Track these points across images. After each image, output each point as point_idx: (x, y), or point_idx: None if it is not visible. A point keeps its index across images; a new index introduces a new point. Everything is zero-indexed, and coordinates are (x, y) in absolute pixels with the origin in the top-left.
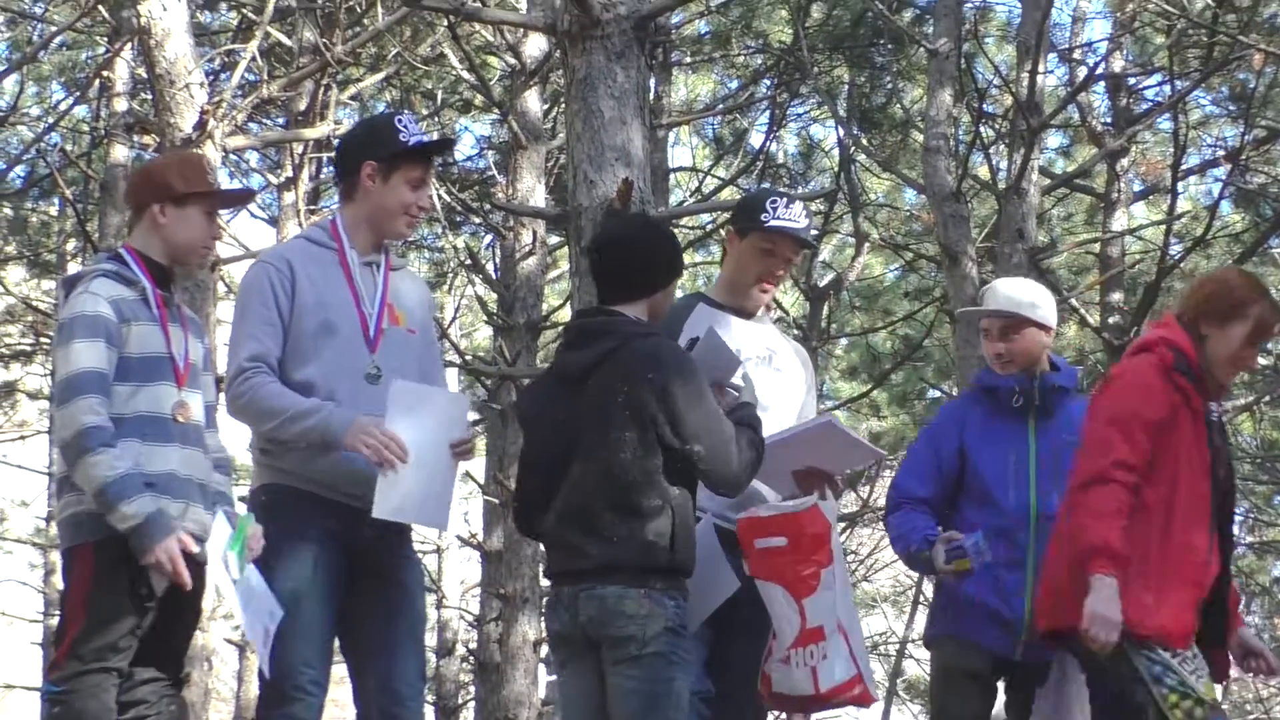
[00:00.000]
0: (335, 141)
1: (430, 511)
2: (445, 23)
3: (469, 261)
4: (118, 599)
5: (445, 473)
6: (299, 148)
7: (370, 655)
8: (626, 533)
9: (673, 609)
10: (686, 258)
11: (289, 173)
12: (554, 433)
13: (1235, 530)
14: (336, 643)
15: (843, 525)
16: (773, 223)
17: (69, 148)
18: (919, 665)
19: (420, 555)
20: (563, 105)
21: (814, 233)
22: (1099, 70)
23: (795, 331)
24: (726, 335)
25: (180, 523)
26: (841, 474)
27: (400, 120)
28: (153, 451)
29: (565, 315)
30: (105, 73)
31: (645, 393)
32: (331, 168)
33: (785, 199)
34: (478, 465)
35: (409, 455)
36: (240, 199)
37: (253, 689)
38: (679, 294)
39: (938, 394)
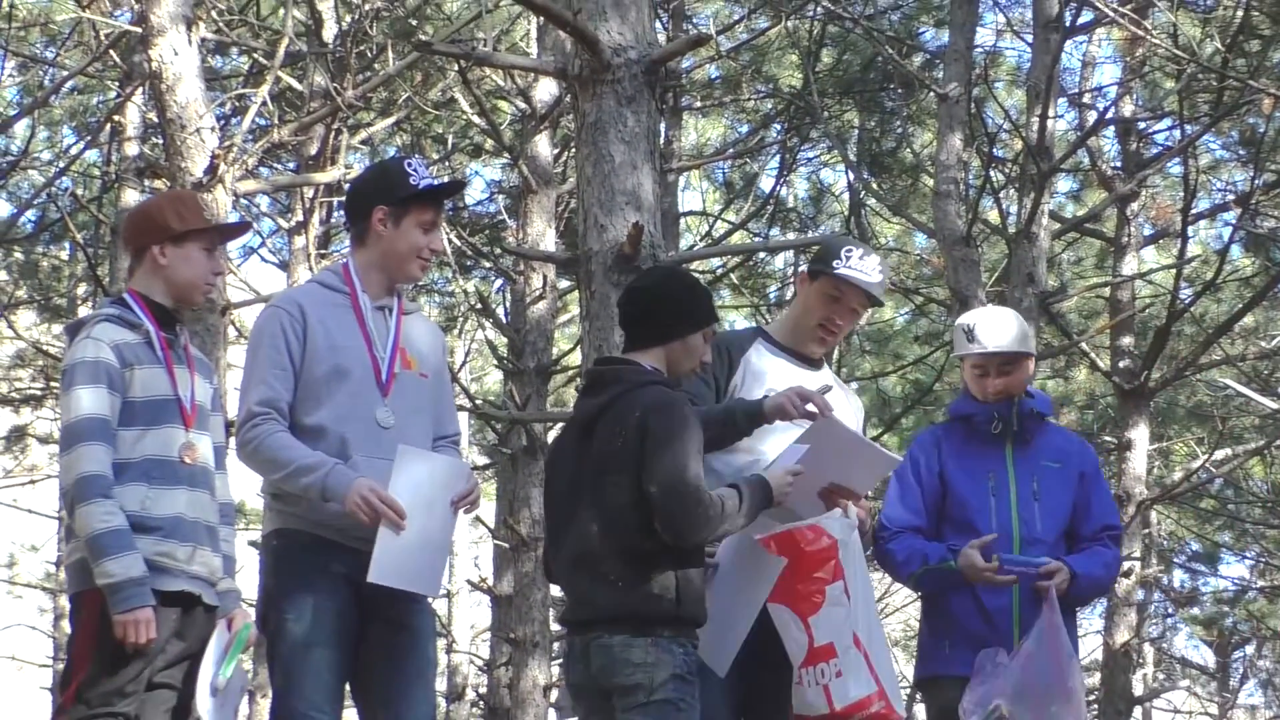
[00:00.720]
0: (346, 186)
1: (424, 579)
2: (456, 67)
3: (479, 306)
4: (123, 653)
5: (442, 540)
6: (309, 192)
7: (380, 699)
8: (631, 581)
9: (681, 656)
10: None
11: (299, 217)
12: (566, 478)
13: (1246, 574)
14: (348, 687)
15: None
16: (843, 270)
17: (80, 192)
18: None
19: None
20: (573, 149)
21: (883, 288)
22: (1109, 115)
23: None
24: (776, 377)
25: (186, 567)
26: (865, 492)
27: (410, 164)
28: (160, 495)
29: (576, 359)
30: (116, 117)
31: (635, 438)
32: (342, 212)
33: (862, 250)
34: (488, 510)
35: (407, 521)
36: (238, 231)
37: None
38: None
39: None
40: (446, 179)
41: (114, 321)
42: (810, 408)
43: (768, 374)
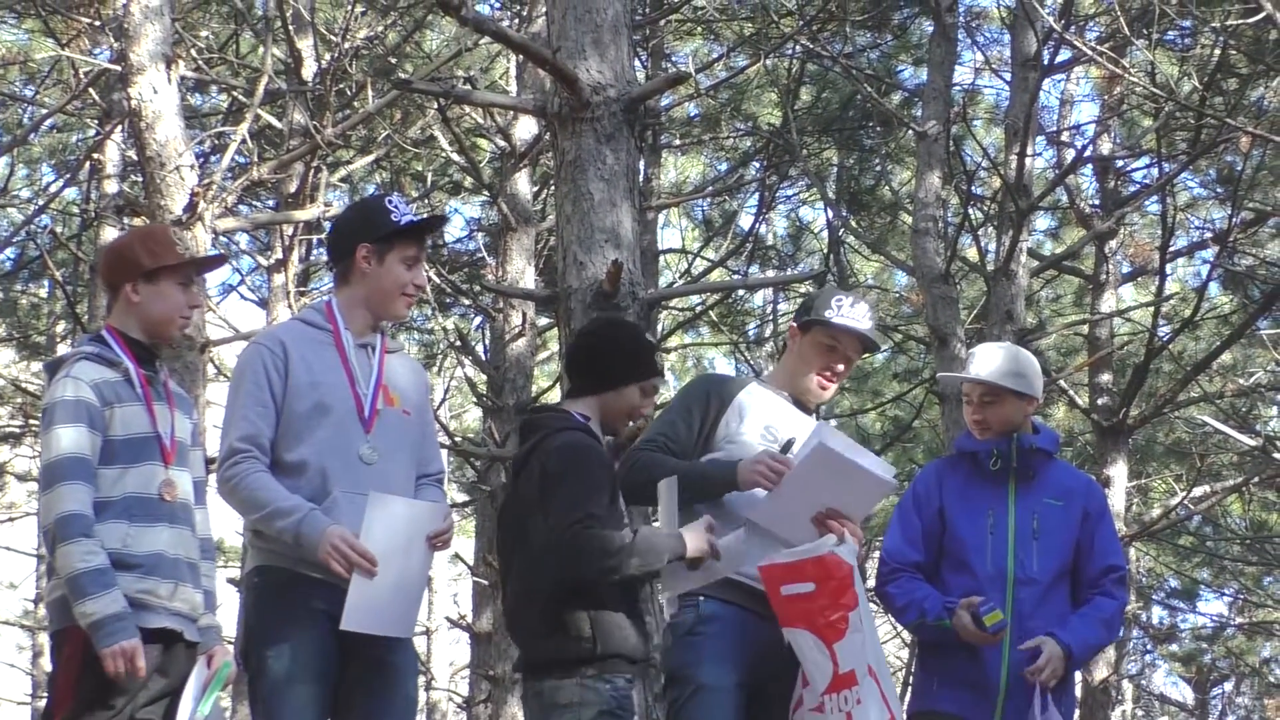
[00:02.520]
0: (326, 224)
1: (399, 623)
2: (435, 105)
3: (459, 343)
4: (107, 682)
5: (416, 583)
6: (289, 229)
7: None
8: (550, 625)
9: (608, 693)
10: (675, 339)
11: (279, 254)
12: (505, 525)
13: (1225, 611)
14: None
15: None
16: (838, 320)
17: (59, 230)
18: None
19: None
20: (552, 187)
21: (876, 333)
22: (1087, 152)
23: None
24: (772, 411)
25: (167, 604)
26: (859, 519)
27: (391, 201)
28: (141, 533)
29: (555, 397)
30: (96, 155)
31: (541, 483)
32: (322, 250)
33: (851, 298)
34: (467, 547)
35: (381, 566)
36: (213, 264)
37: None
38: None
39: None
40: (427, 214)
41: (93, 360)
42: (780, 468)
43: (765, 408)
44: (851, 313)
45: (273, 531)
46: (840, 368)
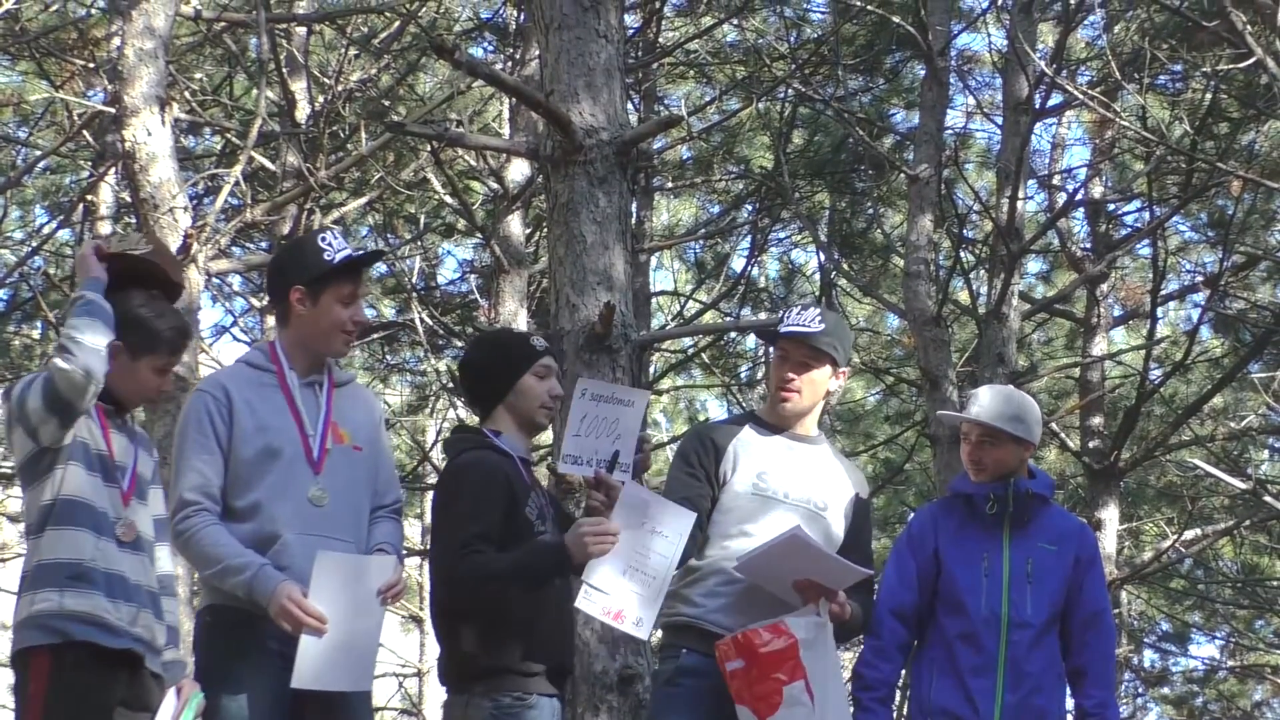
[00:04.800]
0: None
1: (350, 677)
2: (428, 148)
3: (451, 385)
4: (77, 704)
5: (367, 638)
6: None
7: None
8: (449, 643)
9: (490, 711)
10: (667, 382)
11: (270, 299)
12: None
13: (1216, 654)
14: None
15: None
16: (783, 329)
17: (52, 271)
18: None
19: (402, 678)
20: (545, 230)
21: (826, 338)
22: (1079, 196)
23: None
24: (765, 456)
25: (129, 628)
26: (838, 590)
27: (323, 238)
28: (107, 549)
29: (547, 438)
30: (89, 197)
31: (433, 512)
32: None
33: (800, 306)
34: None
35: (330, 625)
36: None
37: None
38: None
39: None
40: (362, 250)
41: None
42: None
43: (757, 454)
44: (799, 318)
45: (225, 587)
46: (790, 375)
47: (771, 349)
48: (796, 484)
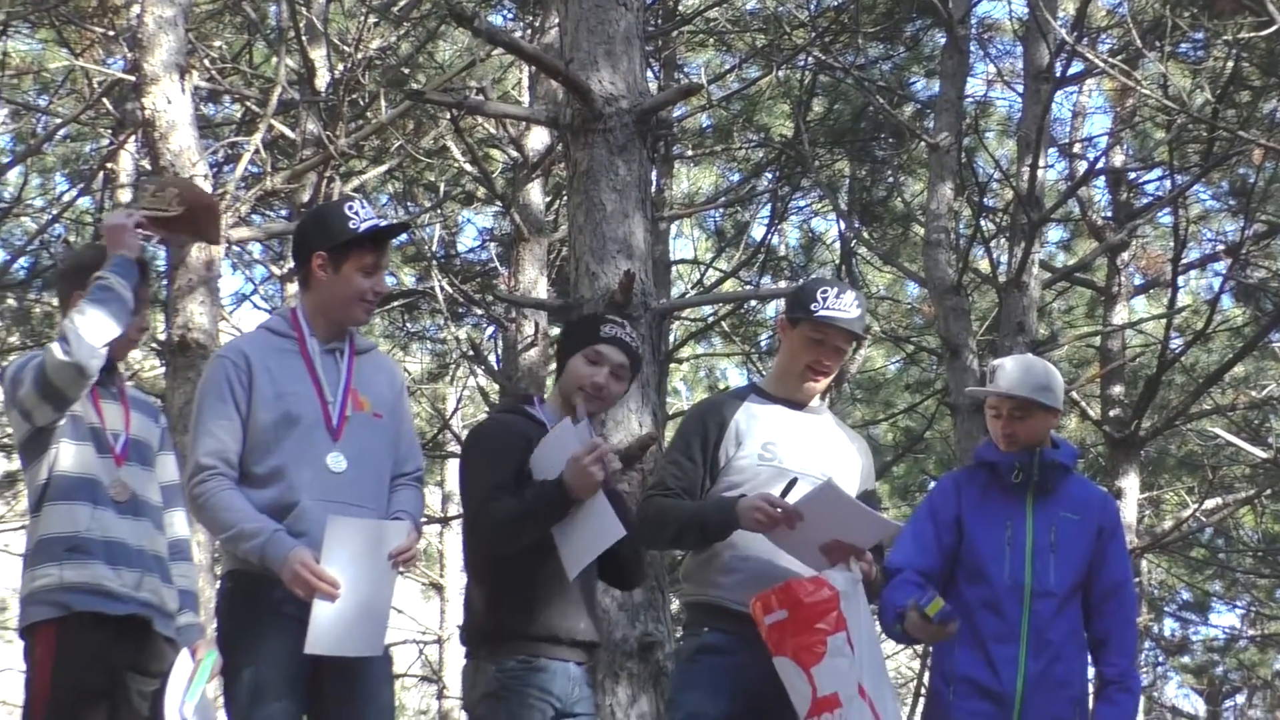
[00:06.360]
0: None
1: (364, 642)
2: (448, 116)
3: (471, 353)
4: (83, 676)
5: (380, 603)
6: None
7: None
8: (467, 609)
9: (494, 674)
10: (687, 350)
11: (292, 264)
12: None
13: (1237, 623)
14: None
15: None
16: (822, 313)
17: (73, 239)
18: None
19: (422, 645)
20: (565, 198)
21: (863, 323)
22: (1099, 165)
23: None
24: (771, 427)
25: (134, 593)
26: (866, 548)
27: (351, 206)
28: (103, 517)
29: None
30: (109, 165)
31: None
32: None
33: (837, 289)
34: None
35: (342, 590)
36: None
37: None
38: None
39: None
40: (387, 221)
41: None
42: (778, 513)
43: (761, 425)
44: (837, 304)
45: (239, 552)
46: (828, 362)
47: (789, 320)
48: (802, 453)
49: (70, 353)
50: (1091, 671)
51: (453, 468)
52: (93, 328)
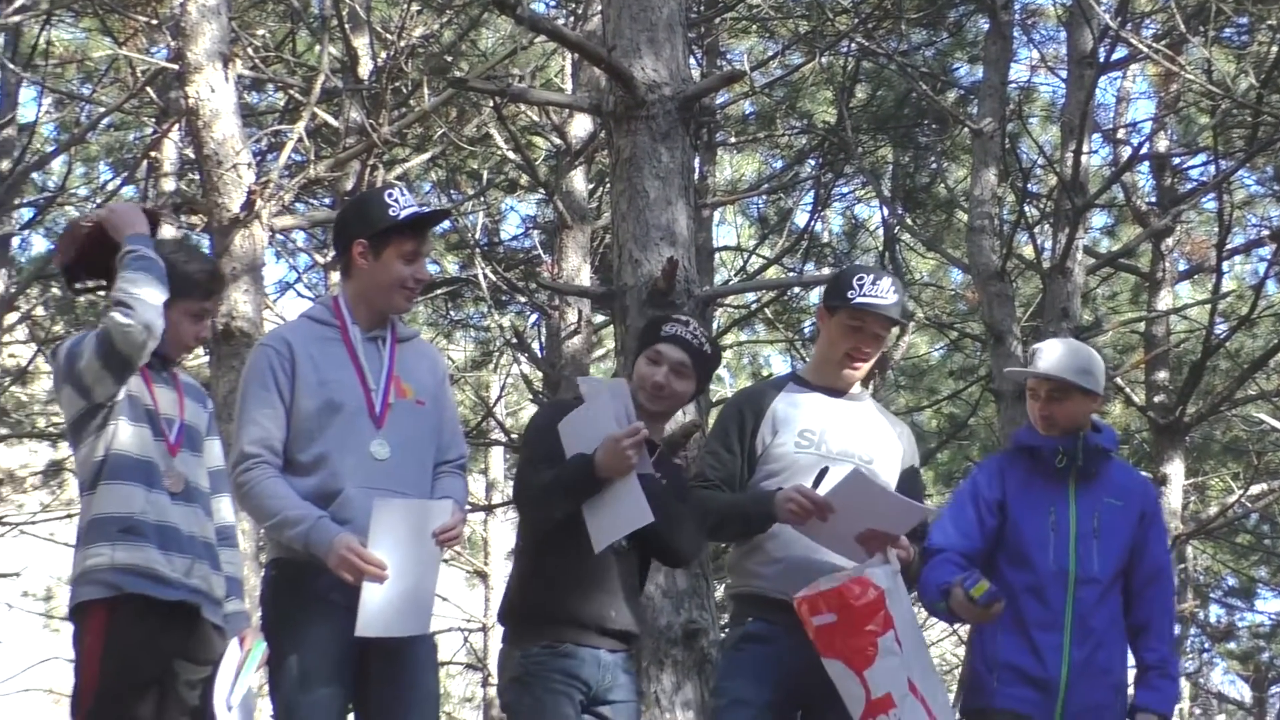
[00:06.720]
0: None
1: (412, 623)
2: (491, 104)
3: (515, 340)
4: (132, 659)
5: (427, 583)
6: None
7: None
8: (507, 582)
9: (519, 660)
10: (731, 337)
11: (335, 252)
12: None
13: None
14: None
15: None
16: (859, 300)
17: None
18: None
19: (467, 633)
20: (608, 185)
21: (901, 309)
22: (1143, 150)
23: None
24: (810, 414)
25: (185, 580)
26: (900, 534)
27: (391, 194)
28: (158, 501)
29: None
30: (153, 153)
31: None
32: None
33: (874, 275)
34: None
35: (390, 572)
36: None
37: None
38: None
39: None
40: (428, 208)
41: None
42: (809, 504)
43: (799, 412)
44: (874, 290)
45: (283, 540)
46: (867, 349)
47: (827, 308)
48: (842, 438)
49: (134, 315)
50: (1131, 659)
51: (496, 455)
52: (146, 292)
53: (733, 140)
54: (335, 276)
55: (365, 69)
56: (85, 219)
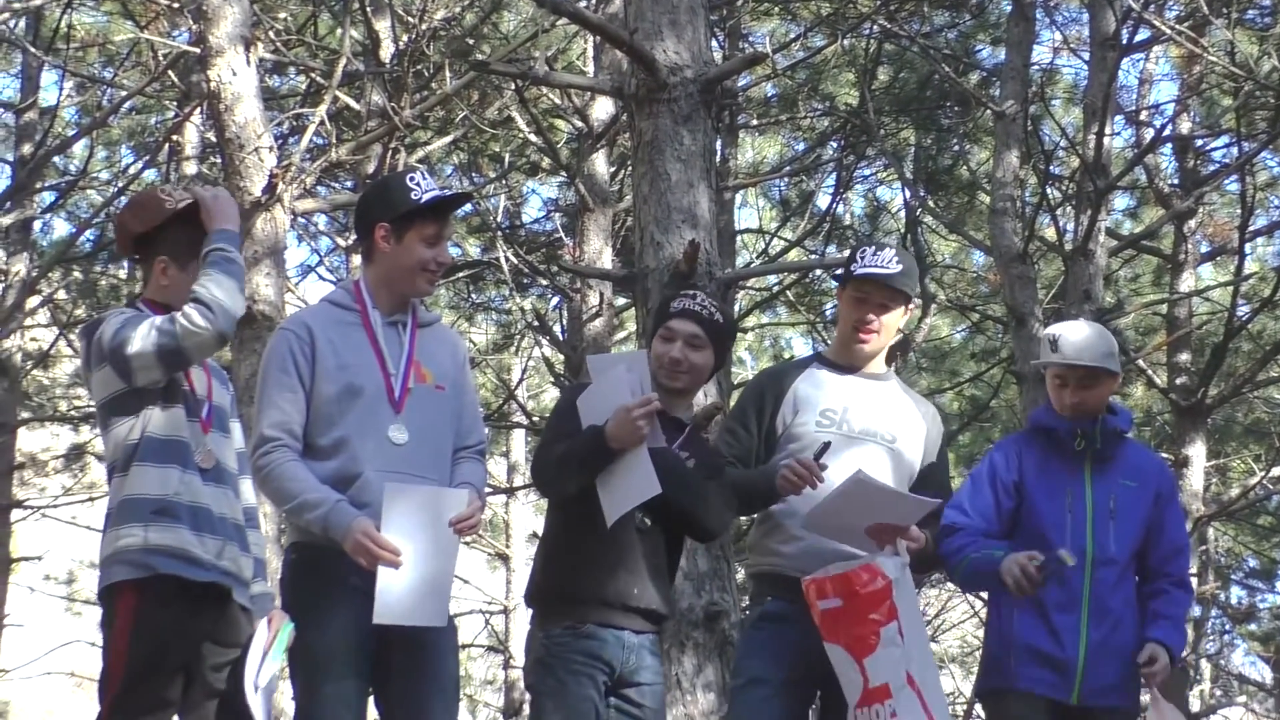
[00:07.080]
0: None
1: (429, 612)
2: (513, 86)
3: (536, 323)
4: (161, 642)
5: (443, 571)
6: None
7: (400, 715)
8: (534, 562)
9: (542, 641)
10: (752, 319)
11: (356, 236)
12: None
13: None
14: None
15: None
16: (861, 270)
17: None
18: None
19: (488, 615)
20: (630, 168)
21: (905, 278)
22: (1166, 132)
23: None
24: (833, 393)
25: (216, 561)
26: (910, 525)
27: (413, 177)
28: (191, 482)
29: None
30: (175, 137)
31: None
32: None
33: (876, 247)
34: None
35: (405, 559)
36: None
37: None
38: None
39: None
40: (450, 191)
41: None
42: (804, 474)
43: (821, 392)
44: (875, 260)
45: (302, 523)
46: (871, 318)
47: (839, 286)
48: (865, 418)
49: (213, 321)
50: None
51: (518, 438)
52: (230, 297)
53: (755, 123)
54: (357, 260)
55: (387, 52)
56: (166, 191)
